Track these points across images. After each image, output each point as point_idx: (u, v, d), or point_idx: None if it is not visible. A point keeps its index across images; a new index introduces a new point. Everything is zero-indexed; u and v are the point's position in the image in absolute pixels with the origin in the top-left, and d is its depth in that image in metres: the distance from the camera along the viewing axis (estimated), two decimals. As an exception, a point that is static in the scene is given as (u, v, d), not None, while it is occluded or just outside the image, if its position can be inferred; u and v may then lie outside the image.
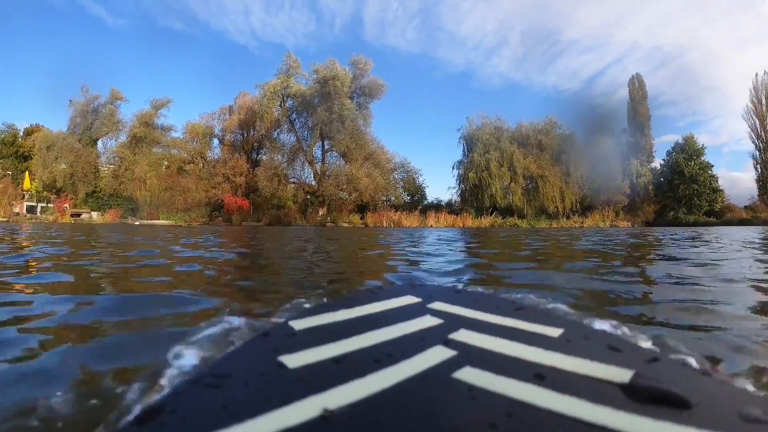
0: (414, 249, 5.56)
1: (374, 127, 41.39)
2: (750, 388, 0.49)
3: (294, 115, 38.17)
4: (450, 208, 38.36)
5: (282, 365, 0.54)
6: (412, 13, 62.27)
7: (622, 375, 0.50)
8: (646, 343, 0.71)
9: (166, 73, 57.78)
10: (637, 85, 46.26)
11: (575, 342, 0.65)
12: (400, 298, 0.89)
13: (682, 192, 41.50)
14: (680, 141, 43.33)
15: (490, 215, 36.01)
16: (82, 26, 52.09)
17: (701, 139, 43.81)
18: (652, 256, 4.66)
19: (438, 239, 8.82)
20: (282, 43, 49.39)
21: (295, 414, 0.42)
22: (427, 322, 0.74)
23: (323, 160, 38.09)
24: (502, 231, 18.35)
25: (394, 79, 60.09)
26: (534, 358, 0.57)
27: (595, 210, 38.83)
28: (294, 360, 0.56)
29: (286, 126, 38.09)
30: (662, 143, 46.23)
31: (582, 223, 37.35)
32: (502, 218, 36.04)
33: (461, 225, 33.59)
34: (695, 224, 38.18)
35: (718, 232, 13.95)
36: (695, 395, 0.45)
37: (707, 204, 41.67)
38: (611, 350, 0.61)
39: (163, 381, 0.62)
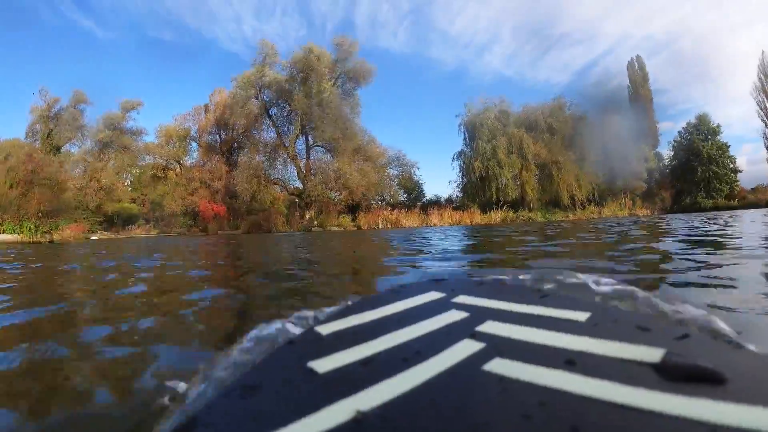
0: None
1: (365, 124, 33.72)
2: None
3: (274, 110, 30.86)
4: (451, 204, 30.90)
5: (311, 371, 0.51)
6: (403, 13, 56.68)
7: (652, 354, 0.47)
8: (676, 320, 0.64)
9: (156, 83, 52.09)
10: (636, 67, 39.39)
11: (603, 325, 0.59)
12: (423, 295, 0.80)
13: (701, 175, 34.44)
14: (693, 121, 36.44)
15: (501, 209, 28.65)
16: (71, 40, 45.41)
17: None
18: None
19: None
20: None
21: (327, 418, 0.40)
22: (453, 316, 0.68)
23: (308, 156, 30.69)
24: (548, 228, 11.59)
25: (386, 81, 53.62)
26: (563, 344, 0.53)
27: (610, 198, 31.67)
28: (323, 365, 0.52)
29: (265, 121, 30.77)
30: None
31: (600, 213, 30.16)
32: (514, 212, 28.70)
33: (468, 222, 26.41)
34: (716, 209, 31.37)
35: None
36: (729, 370, 0.42)
37: (727, 186, 34.70)
38: (640, 330, 0.56)
39: (196, 394, 0.60)
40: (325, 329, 0.65)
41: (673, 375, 0.43)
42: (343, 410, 0.41)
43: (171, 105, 55.51)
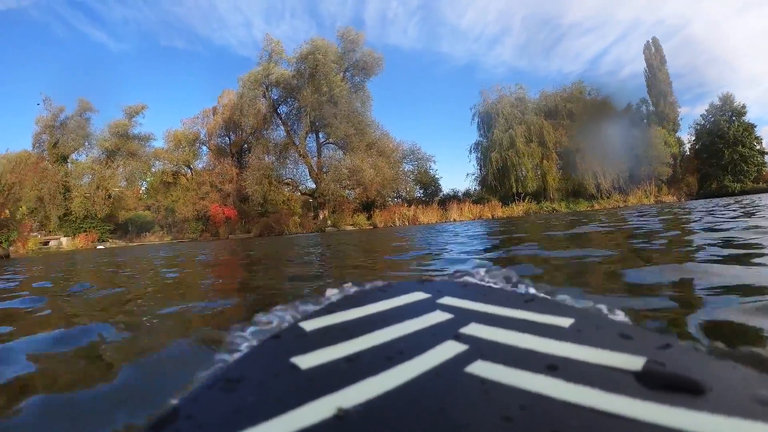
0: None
1: (378, 118, 31.77)
2: (764, 371, 0.50)
3: (283, 108, 29.16)
4: (470, 198, 28.95)
5: (294, 366, 0.51)
6: (412, 10, 55.13)
7: (634, 362, 0.47)
8: (658, 330, 0.66)
9: (169, 91, 51.78)
10: (653, 50, 36.92)
11: (586, 331, 0.59)
12: (409, 295, 0.80)
13: (728, 157, 32.14)
14: (716, 102, 34.08)
15: (522, 201, 26.68)
16: (85, 53, 44.86)
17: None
18: None
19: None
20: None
21: (309, 414, 0.40)
22: (438, 317, 0.68)
23: (319, 153, 28.92)
24: (598, 221, 10.01)
25: (398, 78, 52.80)
26: (545, 349, 0.53)
27: (635, 186, 29.53)
28: (306, 361, 0.52)
29: (274, 120, 29.08)
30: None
31: (625, 201, 28.07)
32: (537, 204, 26.71)
33: (490, 216, 24.54)
34: (744, 192, 29.21)
35: None
36: (708, 380, 0.43)
37: (755, 169, 32.39)
38: (623, 338, 0.56)
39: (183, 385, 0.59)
40: (309, 325, 0.63)
41: (653, 384, 0.43)
42: (325, 407, 0.41)
43: (185, 113, 54.57)
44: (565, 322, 0.61)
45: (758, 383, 0.44)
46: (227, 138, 30.94)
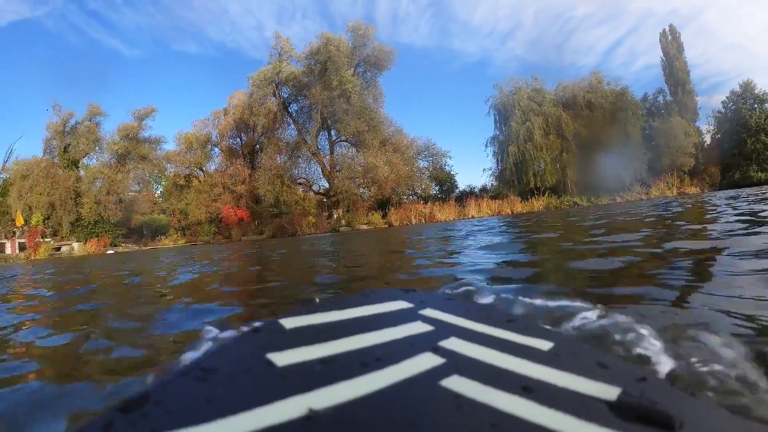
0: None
1: (391, 114, 30.90)
2: (737, 410, 0.51)
3: (293, 106, 28.35)
4: (487, 193, 27.92)
5: (270, 362, 0.50)
6: (423, 6, 54.97)
7: (609, 392, 0.46)
8: (635, 361, 0.65)
9: (182, 95, 52.01)
10: (670, 38, 35.40)
11: (564, 357, 0.58)
12: (391, 303, 0.79)
13: (750, 146, 30.67)
14: (737, 90, 32.57)
15: (543, 195, 25.58)
16: (99, 60, 45.53)
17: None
18: None
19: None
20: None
21: (279, 412, 0.39)
22: (418, 328, 0.68)
23: (332, 151, 28.06)
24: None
25: (410, 76, 52.46)
26: (522, 371, 0.53)
27: (657, 177, 28.27)
28: (282, 358, 0.51)
29: (285, 119, 28.29)
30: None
31: (647, 194, 26.87)
32: (557, 198, 25.60)
33: (509, 211, 23.58)
34: (771, 182, 27.84)
35: None
36: (681, 415, 0.42)
37: (780, 158, 30.93)
38: (600, 367, 0.55)
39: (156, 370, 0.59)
40: (289, 323, 0.63)
41: (626, 414, 0.42)
42: (296, 406, 0.40)
43: (197, 115, 54.68)
44: (545, 345, 0.60)
45: (730, 423, 0.44)
46: (239, 139, 30.28)
